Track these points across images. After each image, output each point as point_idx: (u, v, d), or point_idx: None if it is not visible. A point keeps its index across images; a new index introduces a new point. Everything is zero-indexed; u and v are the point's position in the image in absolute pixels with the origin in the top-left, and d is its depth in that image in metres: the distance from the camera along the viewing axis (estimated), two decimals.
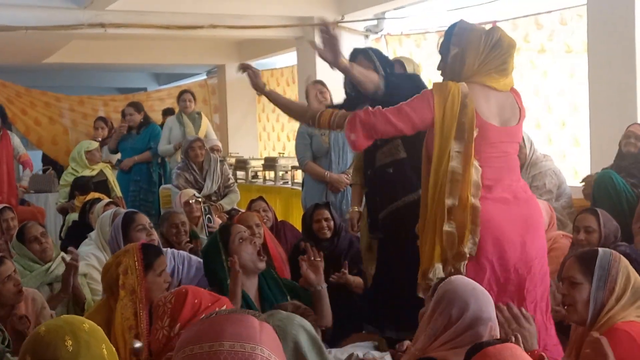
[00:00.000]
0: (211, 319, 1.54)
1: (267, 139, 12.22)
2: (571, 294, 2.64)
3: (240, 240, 3.65)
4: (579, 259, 2.68)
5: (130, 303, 3.14)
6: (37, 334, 1.83)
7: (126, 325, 3.09)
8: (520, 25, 7.04)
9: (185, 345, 1.50)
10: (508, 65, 3.28)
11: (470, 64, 3.21)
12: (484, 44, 3.21)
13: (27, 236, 4.22)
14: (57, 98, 12.02)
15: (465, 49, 3.22)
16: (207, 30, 8.80)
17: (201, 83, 13.16)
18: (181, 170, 6.58)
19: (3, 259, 3.48)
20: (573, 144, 6.60)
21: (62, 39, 9.21)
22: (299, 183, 8.06)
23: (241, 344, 1.46)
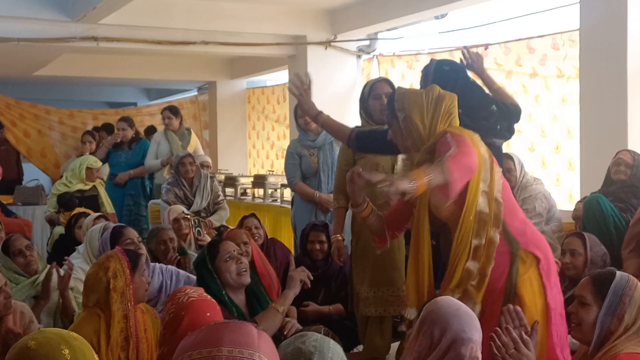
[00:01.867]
0: (210, 326, 1.57)
1: (256, 156, 12.23)
2: (579, 313, 2.62)
3: (228, 259, 3.66)
4: (593, 280, 2.64)
5: (121, 306, 3.22)
6: (27, 348, 1.80)
7: (118, 328, 3.18)
8: (513, 49, 7.10)
9: (184, 351, 1.52)
10: (455, 117, 3.25)
11: (418, 123, 3.17)
12: (426, 101, 3.19)
13: (12, 249, 4.20)
14: (47, 110, 11.99)
15: (410, 111, 3.19)
16: (199, 47, 8.81)
17: (192, 99, 13.17)
18: (171, 186, 6.55)
19: None
20: (567, 167, 6.63)
21: (53, 51, 9.19)
22: (288, 201, 8.04)
23: (239, 350, 1.48)
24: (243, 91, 12.44)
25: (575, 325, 2.65)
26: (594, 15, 5.68)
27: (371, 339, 4.37)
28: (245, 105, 12.43)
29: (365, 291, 4.33)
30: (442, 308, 2.37)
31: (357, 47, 9.08)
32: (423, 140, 3.18)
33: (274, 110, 11.58)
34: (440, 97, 3.22)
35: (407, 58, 8.56)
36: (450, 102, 3.23)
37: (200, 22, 8.29)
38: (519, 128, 6.69)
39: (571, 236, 4.33)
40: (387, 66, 8.86)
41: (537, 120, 6.85)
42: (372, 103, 4.39)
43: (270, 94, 11.76)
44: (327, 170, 5.82)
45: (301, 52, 9.12)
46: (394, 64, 8.74)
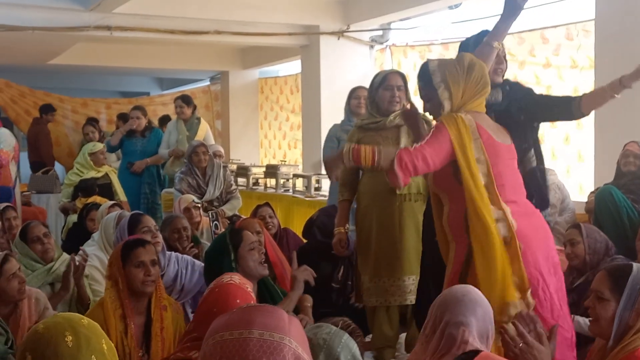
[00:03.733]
0: (242, 308, 1.59)
1: (268, 146, 12.24)
2: (597, 308, 2.58)
3: (252, 248, 3.65)
4: (610, 274, 2.61)
5: (116, 294, 3.30)
6: (35, 331, 1.82)
7: (117, 315, 3.26)
8: (526, 39, 7.06)
9: (215, 332, 1.53)
10: (486, 86, 3.35)
11: (457, 93, 3.27)
12: (460, 71, 3.29)
13: (30, 236, 4.21)
14: (60, 99, 12.06)
15: (448, 82, 3.28)
16: (212, 36, 8.83)
17: (204, 89, 13.19)
18: (184, 175, 6.57)
19: (8, 257, 3.47)
20: (577, 159, 6.61)
21: (67, 40, 9.23)
22: (300, 191, 8.07)
23: (270, 333, 1.50)
24: (255, 81, 12.45)
25: (593, 321, 2.62)
26: (610, 5, 5.65)
27: (380, 327, 4.39)
28: (258, 96, 12.44)
29: (368, 281, 4.35)
30: (450, 293, 2.40)
31: (370, 37, 9.06)
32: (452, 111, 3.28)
33: (288, 100, 11.58)
34: (471, 65, 3.29)
35: (420, 48, 8.54)
36: (481, 71, 3.31)
37: (213, 11, 8.30)
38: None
39: (570, 228, 4.34)
40: (399, 56, 8.84)
41: None
42: (382, 93, 4.36)
43: (283, 84, 11.75)
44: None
45: (314, 42, 9.12)
46: (407, 54, 8.72)
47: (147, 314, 3.36)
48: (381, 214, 4.29)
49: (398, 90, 4.33)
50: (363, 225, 4.40)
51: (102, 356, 1.82)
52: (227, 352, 1.48)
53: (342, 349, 2.01)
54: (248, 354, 1.46)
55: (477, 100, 3.33)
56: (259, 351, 1.47)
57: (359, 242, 4.46)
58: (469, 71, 3.29)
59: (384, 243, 4.27)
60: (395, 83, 4.36)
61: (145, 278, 3.31)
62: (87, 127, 9.75)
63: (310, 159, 9.27)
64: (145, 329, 3.33)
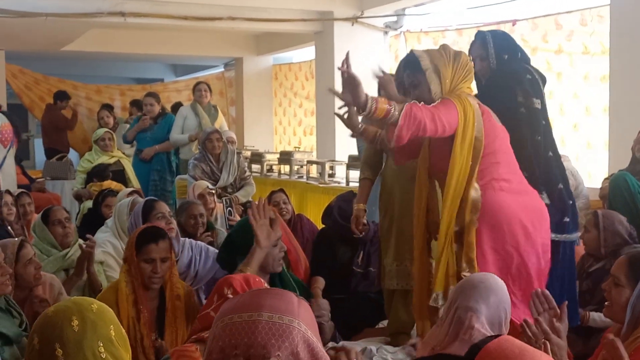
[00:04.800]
0: (252, 292, 1.60)
1: (282, 133, 12.24)
2: (612, 293, 2.60)
3: (276, 244, 3.60)
4: (629, 260, 2.62)
5: (129, 279, 3.35)
6: (45, 314, 1.85)
7: (130, 300, 3.30)
8: (540, 25, 7.01)
9: (225, 314, 1.54)
10: (472, 73, 3.43)
11: (445, 75, 3.31)
12: (446, 56, 3.34)
13: (52, 218, 4.24)
14: (74, 86, 12.10)
15: (437, 65, 3.33)
16: (226, 22, 8.81)
17: (218, 75, 13.19)
18: (198, 161, 6.58)
19: (24, 243, 3.50)
20: (586, 146, 6.58)
21: (81, 27, 9.24)
22: (314, 177, 8.07)
23: (280, 316, 1.50)
24: (269, 67, 12.44)
25: (608, 304, 2.63)
26: None
27: (396, 313, 4.38)
28: (272, 82, 12.43)
29: (389, 264, 4.35)
30: (469, 279, 2.43)
31: (384, 23, 9.02)
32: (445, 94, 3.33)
33: (302, 87, 11.57)
34: (457, 53, 3.38)
35: (434, 34, 8.50)
36: (465, 58, 3.39)
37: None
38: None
39: (589, 215, 4.32)
40: (413, 42, 8.80)
41: (557, 99, 6.79)
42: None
43: (297, 71, 11.74)
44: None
45: (328, 29, 9.09)
46: (421, 41, 8.68)
47: (160, 298, 3.40)
48: (404, 197, 4.28)
49: None
50: (386, 209, 4.39)
51: (109, 342, 1.83)
52: (236, 334, 1.49)
53: None
54: (257, 336, 1.47)
55: (465, 84, 3.37)
56: (267, 334, 1.47)
57: (382, 225, 4.46)
58: (455, 57, 3.35)
59: (407, 227, 4.25)
60: None
61: (152, 274, 3.34)
62: (102, 112, 9.80)
63: (324, 145, 9.26)
64: (158, 312, 3.36)
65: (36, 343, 1.80)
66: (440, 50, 3.37)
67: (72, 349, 1.77)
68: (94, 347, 1.79)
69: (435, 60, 3.32)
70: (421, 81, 3.36)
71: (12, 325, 3.01)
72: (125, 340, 1.90)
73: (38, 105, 11.67)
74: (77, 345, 1.78)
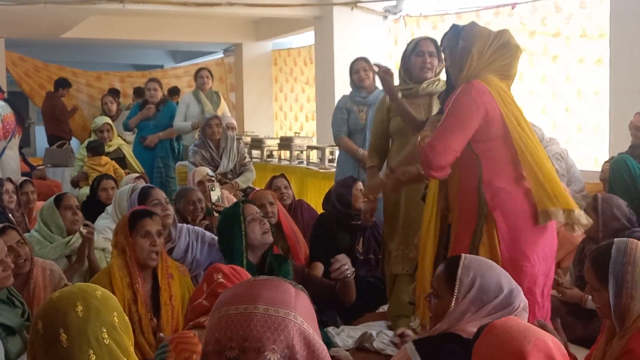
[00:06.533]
0: (249, 282, 1.59)
1: (283, 118, 12.23)
2: (595, 297, 2.58)
3: (252, 219, 3.69)
4: (592, 264, 2.57)
5: (123, 262, 3.37)
6: (49, 300, 1.87)
7: (125, 282, 3.33)
8: (539, 8, 7.00)
9: (221, 306, 1.54)
10: (511, 69, 3.29)
11: (474, 58, 3.22)
12: (490, 42, 3.23)
13: (65, 203, 4.26)
14: (74, 73, 12.10)
15: (472, 43, 3.23)
16: (225, 8, 8.80)
17: (218, 61, 13.17)
18: (198, 148, 6.59)
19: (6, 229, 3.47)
20: (577, 130, 6.59)
21: (80, 13, 9.22)
22: (314, 163, 8.07)
23: (275, 309, 1.50)
24: (269, 53, 12.42)
25: (597, 307, 2.63)
26: None
27: (398, 296, 4.38)
28: (271, 67, 12.42)
29: (395, 249, 4.35)
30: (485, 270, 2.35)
31: (383, 8, 9.00)
32: (469, 77, 3.21)
33: (302, 72, 11.55)
34: (507, 43, 3.25)
35: (433, 19, 8.47)
36: (513, 51, 3.26)
37: None
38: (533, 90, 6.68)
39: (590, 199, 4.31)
40: (413, 27, 8.78)
41: (550, 82, 6.80)
42: (414, 60, 4.32)
43: (296, 56, 11.72)
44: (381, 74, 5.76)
45: (327, 13, 9.07)
46: (420, 25, 8.66)
47: (153, 280, 3.43)
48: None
49: (430, 56, 4.29)
50: (391, 194, 4.38)
51: (113, 328, 1.84)
52: (232, 327, 1.49)
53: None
54: (252, 330, 1.47)
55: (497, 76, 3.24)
56: (263, 326, 1.48)
57: (386, 210, 4.46)
58: (500, 47, 3.23)
59: (413, 211, 4.25)
60: (427, 49, 4.32)
61: (151, 248, 3.38)
62: (106, 97, 9.81)
63: (324, 130, 9.25)
64: (152, 293, 3.40)
65: (40, 328, 1.82)
66: (490, 33, 3.25)
67: (75, 334, 1.79)
68: (97, 333, 1.81)
69: (475, 38, 3.22)
70: (455, 51, 3.30)
71: (15, 316, 3.02)
72: (128, 326, 1.91)
73: (38, 92, 11.66)
74: (80, 331, 1.79)
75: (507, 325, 1.82)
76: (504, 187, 3.16)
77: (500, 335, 1.80)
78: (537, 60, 6.90)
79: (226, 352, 1.48)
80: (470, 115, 3.13)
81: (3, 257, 3.12)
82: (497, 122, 3.16)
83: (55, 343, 1.79)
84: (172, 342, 2.43)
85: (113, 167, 7.00)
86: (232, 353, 1.48)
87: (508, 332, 1.78)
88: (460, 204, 3.27)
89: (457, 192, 3.28)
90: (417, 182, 3.70)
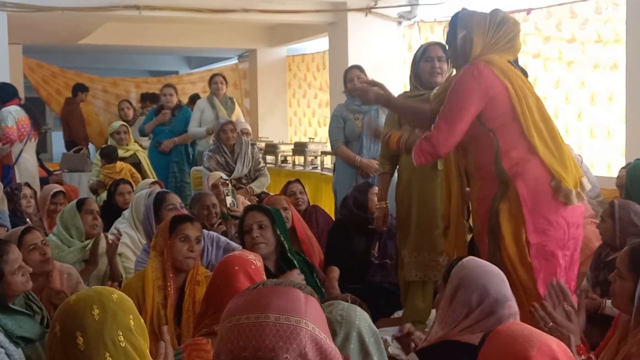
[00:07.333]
0: (258, 290, 1.57)
1: (297, 124, 12.24)
2: (616, 284, 2.59)
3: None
4: (630, 253, 2.59)
5: (160, 264, 3.37)
6: (67, 303, 1.89)
7: (156, 285, 3.33)
8: (555, 14, 6.97)
9: (232, 314, 1.54)
10: (515, 42, 3.33)
11: (478, 43, 3.26)
12: (489, 23, 3.27)
13: (86, 207, 4.31)
14: (91, 79, 12.18)
15: (472, 30, 3.27)
16: (239, 14, 8.82)
17: (232, 67, 13.21)
18: (212, 153, 6.61)
19: (30, 229, 3.52)
20: (589, 135, 6.56)
21: (97, 20, 9.29)
22: (328, 168, 8.08)
23: (286, 317, 1.50)
24: (283, 59, 12.44)
25: (613, 295, 2.63)
26: None
27: (412, 302, 4.39)
28: (286, 73, 12.44)
29: (408, 255, 4.35)
30: (476, 273, 2.40)
31: (397, 14, 8.99)
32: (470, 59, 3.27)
33: (315, 77, 11.57)
34: (503, 20, 3.28)
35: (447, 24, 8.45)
36: (512, 27, 3.31)
37: None
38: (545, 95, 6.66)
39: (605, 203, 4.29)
40: (427, 32, 8.76)
41: (564, 87, 6.78)
42: (423, 65, 4.33)
43: (310, 62, 11.74)
44: (371, 135, 5.81)
45: (341, 19, 9.08)
46: (434, 30, 8.65)
47: (182, 290, 3.42)
48: (422, 188, 4.28)
49: (439, 60, 4.30)
50: (403, 200, 4.39)
51: (129, 331, 1.86)
52: (244, 337, 1.49)
53: (359, 320, 2.05)
54: (264, 339, 1.47)
55: (501, 55, 3.28)
56: (275, 336, 1.47)
57: (399, 216, 4.46)
58: (499, 25, 3.27)
59: (425, 218, 4.26)
60: (435, 54, 4.32)
61: (188, 253, 3.39)
62: (123, 102, 9.87)
63: None
64: (178, 302, 3.39)
65: (57, 331, 1.84)
66: (485, 16, 3.29)
67: (92, 337, 1.81)
68: (114, 336, 1.83)
69: (473, 24, 3.26)
70: (454, 42, 3.34)
71: (34, 326, 3.01)
72: (144, 329, 1.93)
73: (55, 98, 11.75)
74: (97, 334, 1.81)
75: (511, 330, 1.82)
76: (522, 156, 3.21)
77: (504, 340, 1.80)
78: (551, 65, 6.88)
79: None
80: (470, 96, 3.19)
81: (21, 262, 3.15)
82: (502, 98, 3.20)
83: (73, 346, 1.81)
84: (186, 349, 2.44)
85: (129, 172, 7.05)
86: None
87: (512, 337, 1.79)
88: (480, 174, 3.32)
89: (476, 165, 3.34)
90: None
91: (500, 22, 3.27)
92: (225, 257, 2.84)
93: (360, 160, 5.76)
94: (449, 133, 3.21)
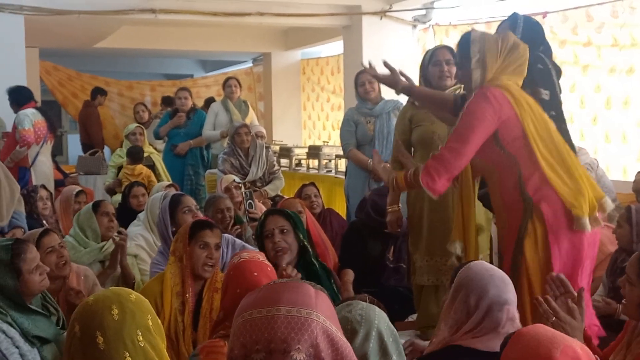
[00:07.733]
0: (269, 286, 1.61)
1: (312, 127, 12.26)
2: (626, 290, 2.57)
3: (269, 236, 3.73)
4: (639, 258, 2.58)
5: (179, 270, 3.34)
6: (85, 303, 1.91)
7: (174, 291, 3.30)
8: (570, 17, 6.96)
9: (244, 310, 1.57)
10: (524, 68, 3.34)
11: (491, 67, 3.26)
12: (501, 48, 3.28)
13: (102, 209, 4.33)
14: (106, 82, 12.26)
15: (485, 54, 3.27)
16: (254, 18, 8.86)
17: (247, 71, 13.26)
18: (227, 156, 6.63)
19: (48, 231, 3.54)
20: (605, 140, 6.53)
21: (113, 24, 9.36)
22: (342, 172, 8.07)
23: (297, 309, 1.52)
24: (297, 62, 12.47)
25: (623, 301, 2.62)
26: None
27: (426, 306, 4.38)
28: (300, 77, 12.47)
29: (420, 260, 4.35)
30: (477, 274, 2.40)
31: (412, 17, 9.00)
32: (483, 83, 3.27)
33: (328, 81, 11.59)
34: (514, 45, 3.29)
35: (463, 28, 8.45)
36: (523, 52, 3.31)
37: None
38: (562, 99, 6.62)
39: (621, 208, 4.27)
40: (442, 36, 8.77)
41: (579, 91, 6.75)
42: (432, 70, 4.34)
43: (324, 65, 11.75)
44: (383, 139, 5.80)
45: (356, 23, 9.09)
46: (449, 34, 8.65)
47: (200, 295, 3.39)
48: None
49: (447, 64, 4.30)
50: (415, 204, 4.38)
51: (147, 331, 1.88)
52: (256, 330, 1.51)
53: (379, 320, 2.05)
54: (276, 331, 1.49)
55: (512, 78, 3.29)
56: (287, 328, 1.49)
57: (411, 221, 4.45)
58: (510, 50, 3.27)
59: (437, 222, 4.25)
60: (443, 57, 4.33)
61: (207, 260, 3.34)
62: (138, 106, 9.92)
63: None
64: (195, 308, 3.36)
65: (77, 331, 1.86)
66: (497, 40, 3.30)
67: (112, 336, 1.83)
68: (132, 335, 1.85)
69: (486, 49, 3.27)
70: (466, 66, 3.33)
71: (50, 326, 3.01)
72: (161, 329, 1.95)
73: (71, 101, 11.84)
74: (117, 333, 1.84)
75: (534, 332, 1.82)
76: (543, 179, 3.18)
77: (528, 342, 1.80)
78: (567, 69, 6.85)
79: (252, 356, 1.50)
80: (483, 117, 3.18)
81: (38, 261, 3.17)
82: (513, 122, 3.20)
83: (92, 346, 1.83)
84: (202, 351, 2.45)
85: (147, 178, 7.08)
86: (259, 356, 1.49)
87: (536, 339, 1.79)
88: (504, 202, 3.29)
89: (500, 192, 3.31)
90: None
91: (512, 47, 3.28)
92: (238, 263, 2.75)
93: (372, 163, 5.74)
94: (459, 152, 3.20)
